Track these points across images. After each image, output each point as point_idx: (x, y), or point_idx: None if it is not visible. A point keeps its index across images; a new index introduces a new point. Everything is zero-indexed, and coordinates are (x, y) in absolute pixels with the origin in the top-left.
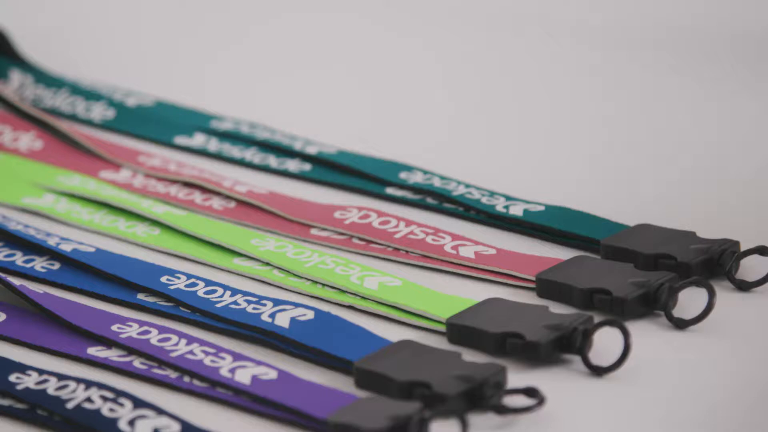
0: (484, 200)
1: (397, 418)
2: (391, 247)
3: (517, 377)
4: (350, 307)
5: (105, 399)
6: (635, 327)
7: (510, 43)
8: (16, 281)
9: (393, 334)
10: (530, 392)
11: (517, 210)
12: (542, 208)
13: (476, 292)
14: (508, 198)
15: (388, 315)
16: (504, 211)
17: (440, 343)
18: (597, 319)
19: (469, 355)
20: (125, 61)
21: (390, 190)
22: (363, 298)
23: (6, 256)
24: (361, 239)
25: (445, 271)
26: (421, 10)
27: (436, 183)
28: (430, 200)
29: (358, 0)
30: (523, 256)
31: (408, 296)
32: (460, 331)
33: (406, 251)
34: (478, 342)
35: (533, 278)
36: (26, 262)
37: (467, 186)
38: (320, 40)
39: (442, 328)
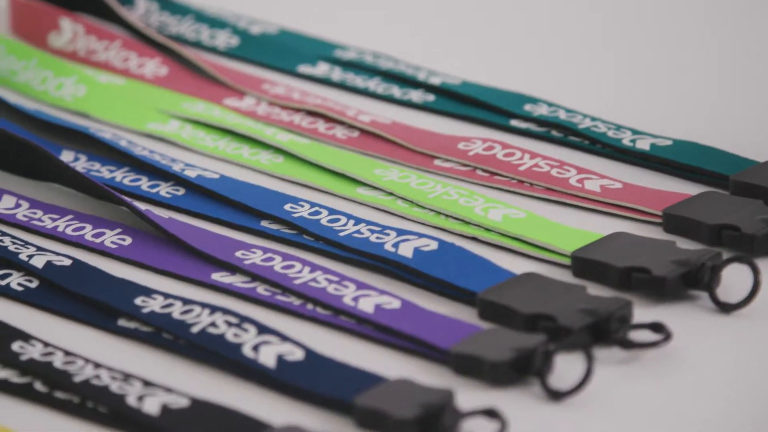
0: (611, 134)
1: (522, 351)
2: (515, 179)
3: (642, 312)
4: (473, 239)
5: (229, 324)
6: (764, 264)
7: None
8: (141, 206)
9: (516, 266)
10: (656, 327)
11: (644, 144)
12: (670, 142)
13: (601, 226)
14: (634, 132)
15: (512, 247)
16: (631, 145)
17: (564, 276)
18: (725, 255)
19: (594, 289)
20: None
21: (514, 122)
22: (487, 229)
23: (132, 181)
24: (485, 171)
25: (569, 204)
26: None
27: (562, 115)
28: (555, 133)
29: None
30: (650, 190)
31: (532, 229)
32: (585, 264)
33: (531, 183)
34: (604, 276)
35: (660, 213)
36: (151, 187)
37: (593, 119)
38: None
39: (567, 261)
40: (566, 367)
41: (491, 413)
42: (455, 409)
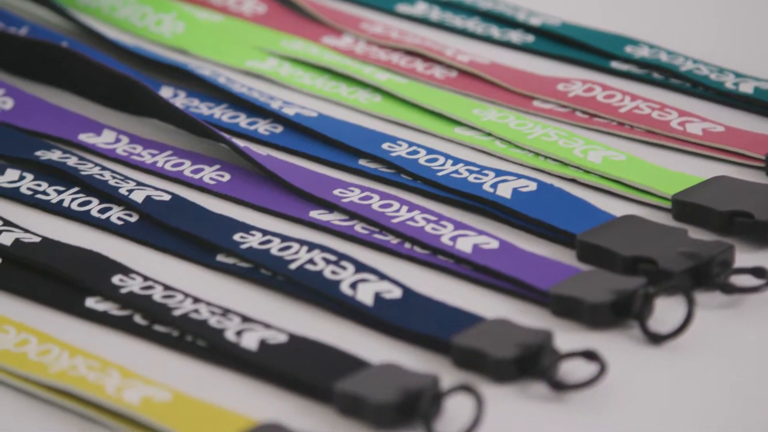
0: (713, 77)
1: (622, 293)
2: (615, 121)
3: (744, 257)
4: (572, 180)
5: (327, 261)
6: None
7: None
8: (240, 143)
9: (616, 208)
10: (759, 272)
11: (747, 87)
12: None
13: (703, 170)
14: (738, 75)
15: (612, 189)
16: (734, 88)
17: (665, 219)
18: None
19: (695, 233)
20: None
21: (615, 64)
22: (586, 171)
23: (230, 117)
24: (584, 112)
25: (670, 147)
26: None
27: (663, 58)
28: (656, 75)
29: None
30: (753, 134)
31: (632, 171)
32: (686, 207)
33: (631, 126)
34: (705, 220)
35: (763, 157)
36: (250, 124)
37: (695, 61)
38: None
39: (667, 204)
40: (666, 311)
41: (590, 355)
42: (554, 350)
